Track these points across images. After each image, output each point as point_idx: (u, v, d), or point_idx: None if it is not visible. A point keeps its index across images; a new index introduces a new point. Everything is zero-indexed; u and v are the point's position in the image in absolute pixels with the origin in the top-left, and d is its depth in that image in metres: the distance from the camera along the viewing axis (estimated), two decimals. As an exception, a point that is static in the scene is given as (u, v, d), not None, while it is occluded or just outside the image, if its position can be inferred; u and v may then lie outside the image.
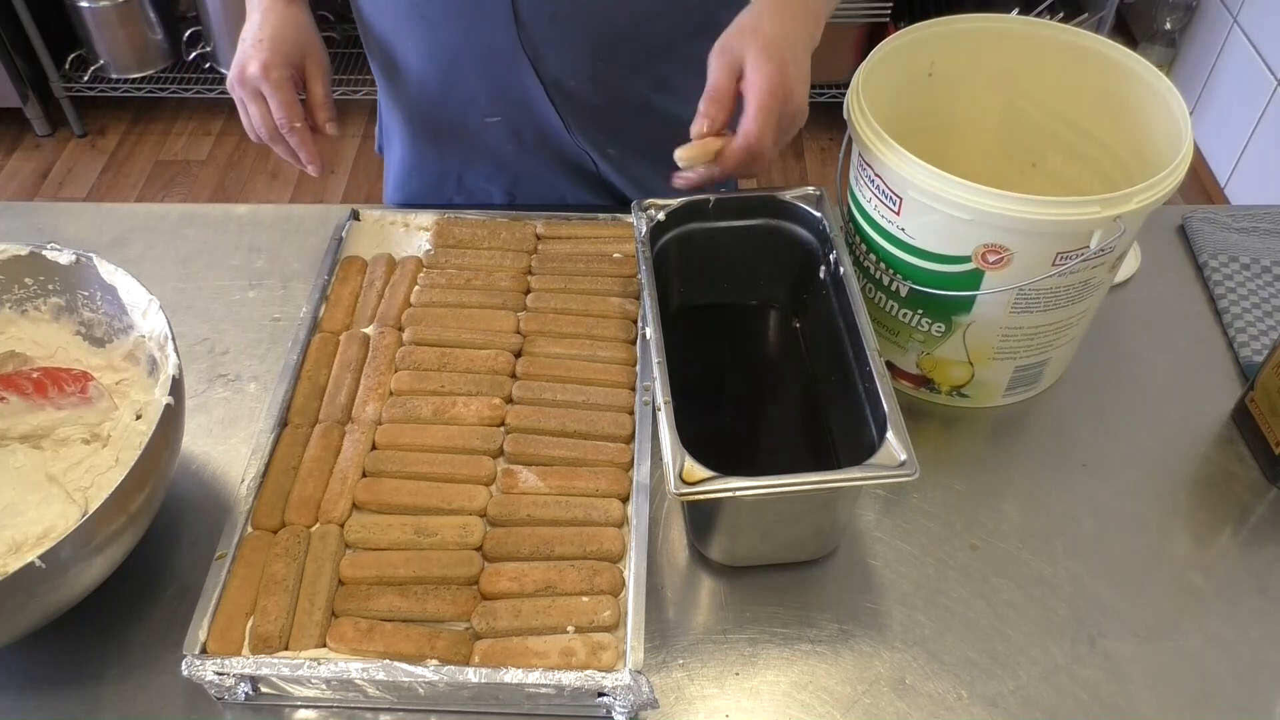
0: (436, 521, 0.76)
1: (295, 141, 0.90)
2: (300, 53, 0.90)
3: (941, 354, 0.87)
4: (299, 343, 0.88)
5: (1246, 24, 2.36)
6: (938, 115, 0.95)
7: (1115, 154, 0.90)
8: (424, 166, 1.10)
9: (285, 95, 0.88)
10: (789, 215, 0.88)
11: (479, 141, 1.05)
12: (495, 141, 1.05)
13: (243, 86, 0.89)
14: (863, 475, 0.69)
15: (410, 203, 1.12)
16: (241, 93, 0.89)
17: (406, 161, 1.10)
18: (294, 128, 0.89)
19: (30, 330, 0.86)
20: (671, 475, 0.68)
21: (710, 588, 0.79)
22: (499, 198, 1.10)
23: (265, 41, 0.88)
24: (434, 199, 1.11)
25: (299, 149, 0.91)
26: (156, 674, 0.73)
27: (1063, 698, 0.72)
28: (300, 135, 0.90)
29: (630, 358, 0.88)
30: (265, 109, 0.89)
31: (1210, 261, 1.03)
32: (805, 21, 0.81)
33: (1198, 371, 0.95)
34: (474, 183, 1.10)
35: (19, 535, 0.73)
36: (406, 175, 1.11)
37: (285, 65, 0.88)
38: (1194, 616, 0.77)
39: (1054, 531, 0.82)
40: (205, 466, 0.86)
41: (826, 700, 0.72)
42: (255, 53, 0.87)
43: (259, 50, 0.87)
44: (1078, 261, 0.77)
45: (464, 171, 1.09)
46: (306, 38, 0.91)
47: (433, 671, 0.67)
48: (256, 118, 0.90)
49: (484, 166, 1.08)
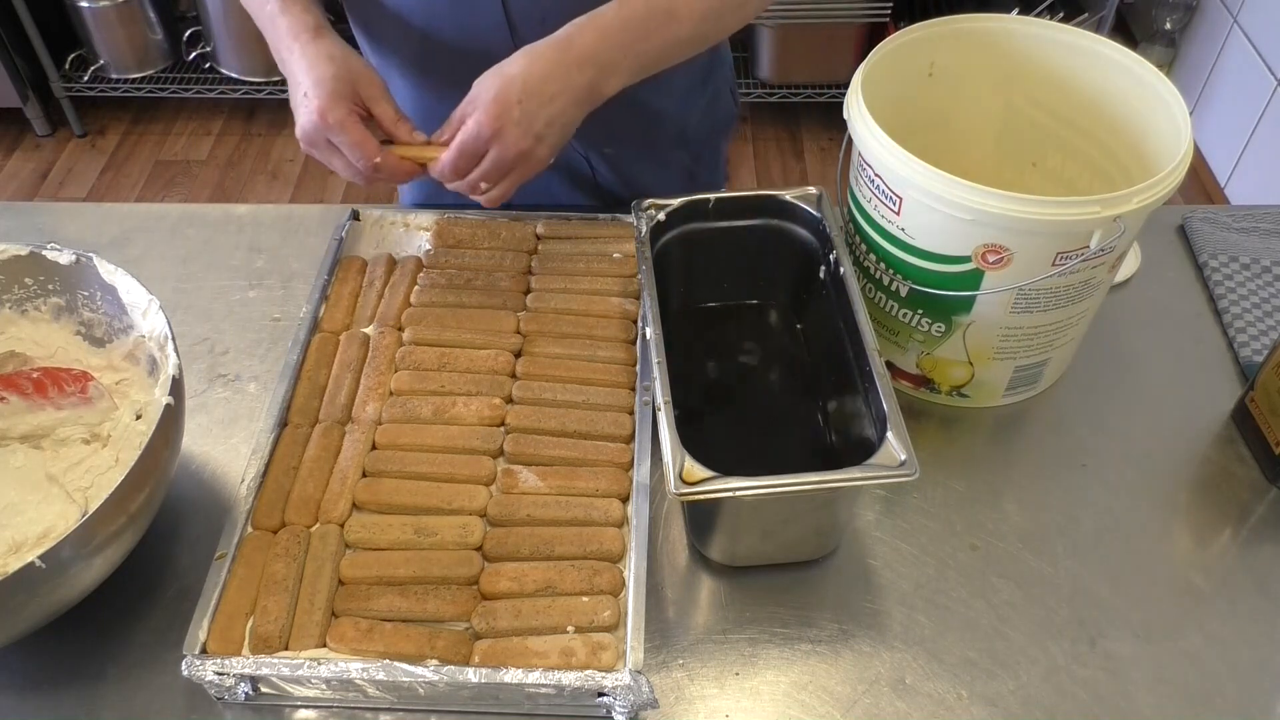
0: (436, 521, 0.76)
1: (386, 172, 0.84)
2: (349, 83, 0.82)
3: (941, 354, 0.87)
4: (299, 343, 0.88)
5: (1246, 24, 2.36)
6: (938, 115, 0.95)
7: (1115, 154, 0.90)
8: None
9: (352, 135, 0.81)
10: (789, 215, 0.89)
11: None
12: None
13: (311, 145, 0.83)
14: (863, 475, 0.69)
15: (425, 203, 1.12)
16: (314, 151, 0.84)
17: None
18: (375, 164, 0.83)
19: (30, 330, 0.86)
20: (671, 475, 0.68)
21: (710, 588, 0.79)
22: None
23: (311, 89, 0.81)
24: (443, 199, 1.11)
25: (393, 178, 0.86)
26: (156, 674, 0.73)
27: (1063, 698, 0.72)
28: (389, 165, 0.84)
29: (630, 358, 0.88)
30: (344, 158, 0.83)
31: (1210, 261, 1.03)
32: (578, 75, 0.81)
33: (1198, 371, 0.95)
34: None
35: (19, 535, 0.73)
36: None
37: (339, 104, 0.81)
38: (1194, 616, 0.77)
39: (1054, 531, 0.82)
40: (205, 466, 0.86)
41: (826, 700, 0.72)
42: (306, 105, 0.81)
43: (309, 101, 0.81)
44: (1078, 261, 0.77)
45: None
46: (348, 67, 0.84)
47: (433, 671, 0.67)
48: (343, 168, 0.84)
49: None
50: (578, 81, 0.81)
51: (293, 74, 0.83)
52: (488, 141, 0.80)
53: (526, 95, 0.80)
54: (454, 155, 0.82)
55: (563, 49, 0.81)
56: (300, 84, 0.82)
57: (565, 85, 0.81)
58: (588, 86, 0.82)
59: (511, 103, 0.79)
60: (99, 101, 2.76)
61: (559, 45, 0.81)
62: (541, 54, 0.81)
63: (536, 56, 0.81)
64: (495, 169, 0.82)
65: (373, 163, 0.82)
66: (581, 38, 0.81)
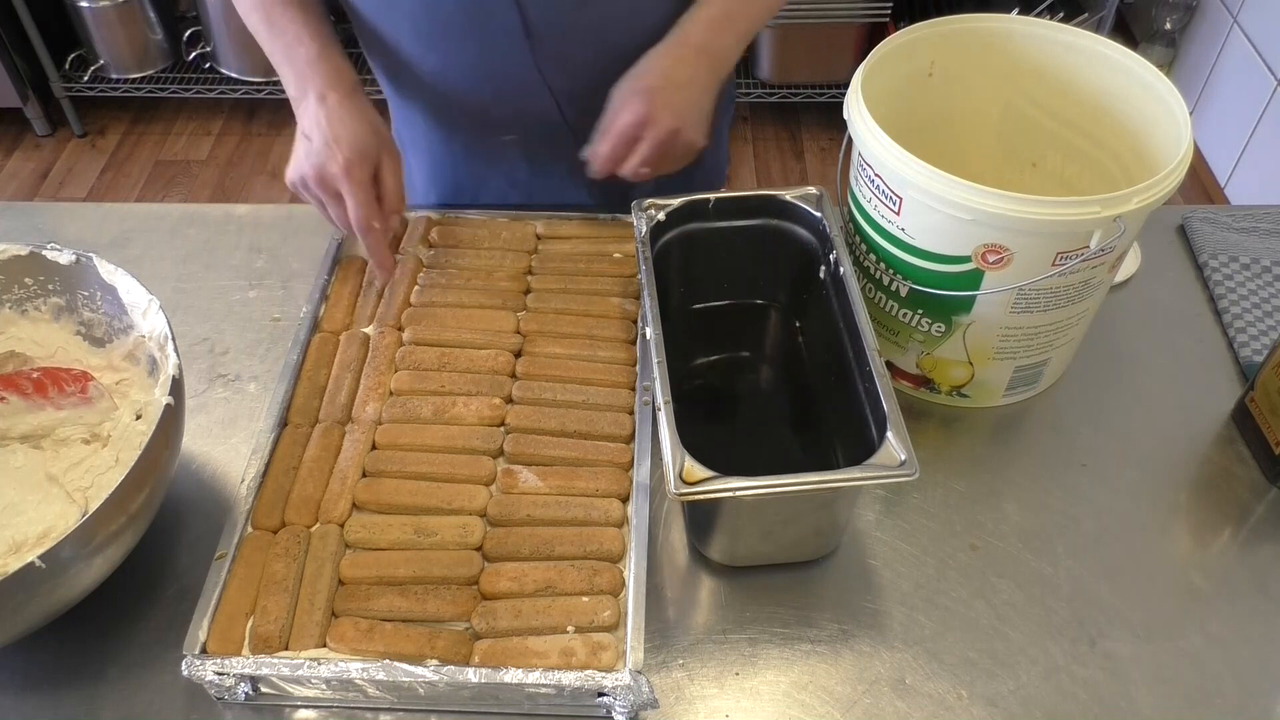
0: (436, 521, 0.76)
1: (370, 242, 0.88)
2: (376, 149, 0.87)
3: (941, 354, 0.87)
4: (299, 343, 0.88)
5: (1246, 24, 2.36)
6: (938, 115, 0.95)
7: (1115, 154, 0.90)
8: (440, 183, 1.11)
9: (366, 195, 0.86)
10: (789, 215, 0.88)
11: (495, 160, 1.07)
12: (510, 160, 1.06)
13: (321, 187, 0.86)
14: (863, 475, 0.69)
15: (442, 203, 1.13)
16: (319, 193, 0.87)
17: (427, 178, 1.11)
18: (372, 228, 0.87)
19: (30, 330, 0.86)
20: (671, 475, 0.68)
21: (710, 588, 0.79)
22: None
23: (344, 142, 0.84)
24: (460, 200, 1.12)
25: (372, 251, 0.89)
26: (156, 674, 0.73)
27: (1063, 698, 0.72)
28: (376, 237, 0.88)
29: (630, 358, 0.88)
30: (343, 208, 0.86)
31: (1210, 261, 1.03)
32: (698, 62, 0.90)
33: (1198, 371, 0.95)
34: (488, 198, 1.11)
35: (19, 535, 0.73)
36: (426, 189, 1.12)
37: (366, 163, 0.86)
38: (1194, 616, 0.77)
39: (1054, 531, 0.82)
40: (205, 466, 0.86)
41: (826, 700, 0.72)
42: (333, 153, 0.84)
43: (337, 150, 0.84)
44: (1078, 261, 0.77)
45: (479, 189, 1.10)
46: (379, 134, 0.88)
47: (433, 671, 0.67)
48: (337, 216, 0.88)
49: (498, 182, 1.09)
50: (701, 68, 0.90)
51: (316, 117, 0.85)
52: (640, 128, 0.87)
53: (664, 85, 0.88)
54: (611, 145, 0.88)
55: (680, 45, 0.90)
56: (329, 132, 0.84)
57: (693, 73, 0.90)
58: (709, 71, 0.91)
59: (654, 92, 0.87)
60: (99, 101, 2.76)
61: (677, 43, 0.90)
62: (665, 53, 0.90)
63: (661, 55, 0.90)
64: (652, 151, 0.88)
65: (371, 226, 0.86)
66: (694, 33, 0.91)
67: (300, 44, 0.88)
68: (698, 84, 0.90)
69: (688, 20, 0.92)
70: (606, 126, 0.90)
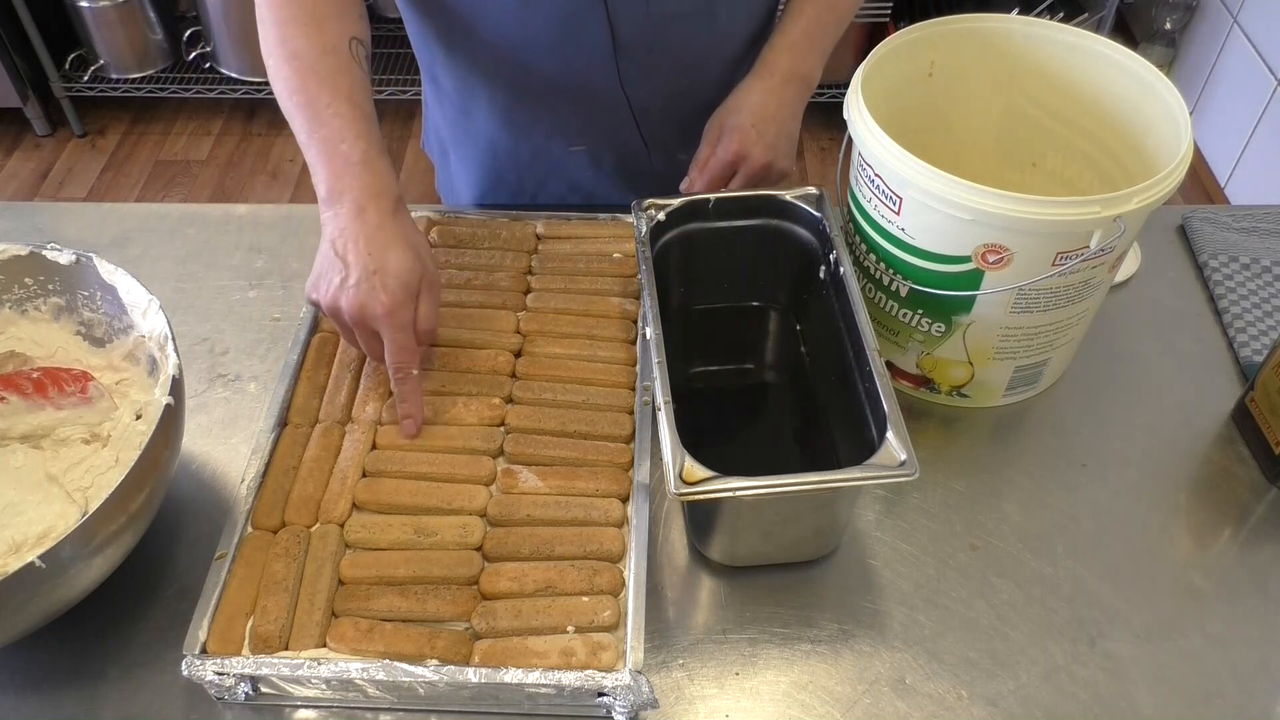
0: (436, 521, 0.76)
1: (405, 390, 0.80)
2: (419, 281, 0.78)
3: (941, 354, 0.87)
4: (299, 343, 0.88)
5: (1246, 24, 2.36)
6: (938, 115, 0.95)
7: (1115, 154, 0.90)
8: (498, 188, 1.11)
9: (407, 338, 0.77)
10: (789, 215, 0.88)
11: (559, 167, 1.07)
12: (576, 167, 1.07)
13: (357, 324, 0.77)
14: (863, 475, 0.69)
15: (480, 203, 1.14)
16: (354, 327, 0.78)
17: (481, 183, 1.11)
18: (410, 375, 0.79)
19: (30, 330, 0.86)
20: (671, 475, 0.68)
21: (710, 588, 0.79)
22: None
23: (390, 277, 0.75)
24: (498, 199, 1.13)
25: (404, 399, 0.80)
26: (156, 674, 0.73)
27: (1063, 698, 0.72)
28: (413, 385, 0.80)
29: (630, 358, 0.88)
30: (377, 344, 0.79)
31: (1210, 261, 1.03)
32: (786, 91, 0.94)
33: (1198, 371, 0.95)
34: (546, 200, 1.11)
35: (19, 535, 0.73)
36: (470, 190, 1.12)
37: (411, 303, 0.77)
38: (1194, 616, 0.77)
39: (1054, 531, 0.82)
40: (205, 466, 0.86)
41: (826, 700, 0.72)
42: (375, 291, 0.75)
43: (381, 289, 0.75)
44: (1078, 261, 0.77)
45: (538, 191, 1.11)
46: (424, 263, 0.79)
47: (433, 671, 0.67)
48: (368, 349, 0.81)
49: (558, 186, 1.10)
50: (789, 96, 0.94)
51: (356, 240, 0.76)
52: (734, 164, 0.92)
53: (756, 120, 0.92)
54: (706, 182, 0.93)
55: (768, 75, 0.94)
56: (371, 261, 0.76)
57: (781, 102, 0.94)
58: (796, 97, 0.95)
59: (747, 128, 0.92)
60: (99, 101, 2.76)
61: (764, 74, 0.94)
62: (754, 86, 0.94)
63: (750, 90, 0.94)
64: (746, 184, 0.93)
65: (408, 373, 0.79)
66: (778, 61, 0.94)
67: (343, 141, 0.78)
68: (787, 111, 0.94)
69: (770, 50, 0.95)
70: (702, 161, 0.93)
